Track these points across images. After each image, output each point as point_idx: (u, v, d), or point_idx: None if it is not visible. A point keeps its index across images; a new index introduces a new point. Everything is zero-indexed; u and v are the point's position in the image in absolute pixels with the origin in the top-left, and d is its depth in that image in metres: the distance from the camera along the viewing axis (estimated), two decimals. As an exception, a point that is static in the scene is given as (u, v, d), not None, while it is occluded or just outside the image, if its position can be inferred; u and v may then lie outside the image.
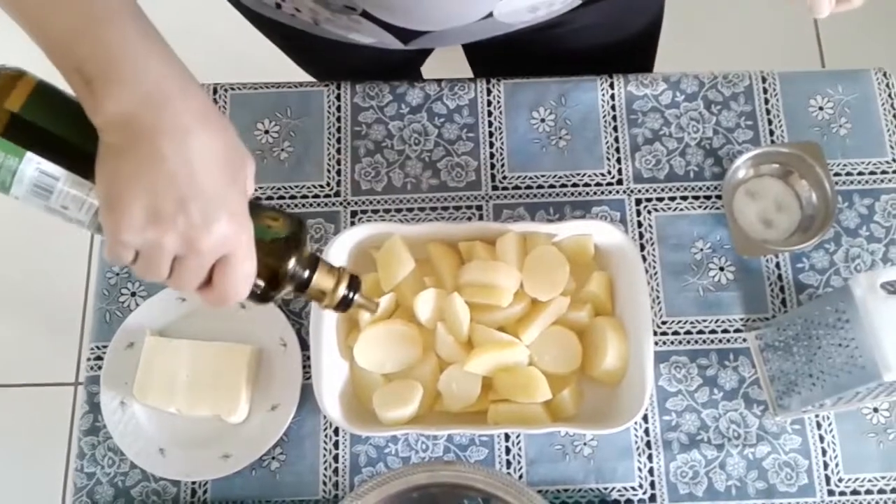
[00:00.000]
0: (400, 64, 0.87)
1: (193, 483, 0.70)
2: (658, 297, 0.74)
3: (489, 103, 0.81)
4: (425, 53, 0.94)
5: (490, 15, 0.64)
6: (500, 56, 0.84)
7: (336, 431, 0.71)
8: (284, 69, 0.93)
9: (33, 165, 0.43)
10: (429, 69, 1.01)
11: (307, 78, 0.94)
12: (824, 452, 0.70)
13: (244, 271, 0.46)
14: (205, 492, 0.70)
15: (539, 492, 0.64)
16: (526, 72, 0.82)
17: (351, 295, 0.53)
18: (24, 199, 0.45)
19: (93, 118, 0.41)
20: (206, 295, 0.47)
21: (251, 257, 0.46)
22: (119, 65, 0.41)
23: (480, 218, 0.77)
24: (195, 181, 0.42)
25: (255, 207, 0.48)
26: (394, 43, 0.70)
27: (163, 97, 0.41)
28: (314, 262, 0.52)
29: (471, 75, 0.92)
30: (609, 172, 0.78)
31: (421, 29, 0.66)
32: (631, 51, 0.89)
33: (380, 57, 0.76)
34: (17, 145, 0.42)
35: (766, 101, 0.80)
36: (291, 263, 0.50)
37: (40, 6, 0.41)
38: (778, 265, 0.75)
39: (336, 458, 0.71)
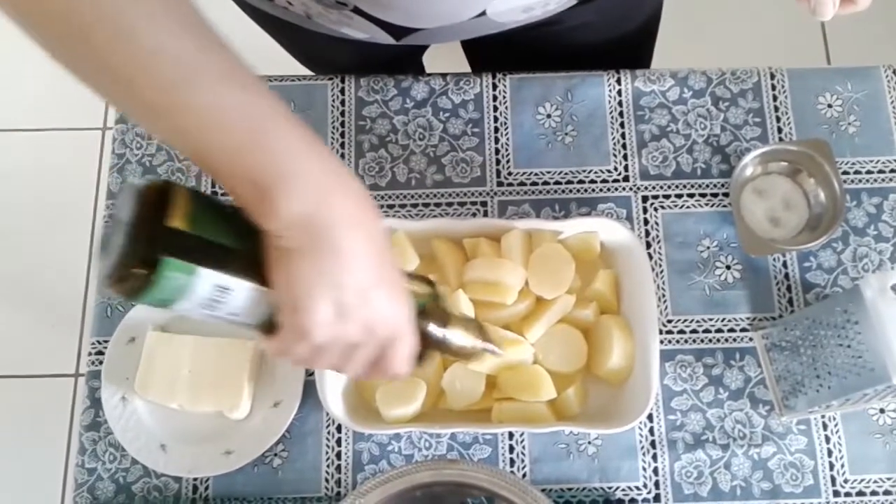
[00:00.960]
0: (396, 59, 0.87)
1: (195, 479, 0.70)
2: (664, 296, 0.74)
3: (495, 98, 0.80)
4: (421, 49, 0.93)
5: (483, 13, 0.64)
6: (497, 53, 0.83)
7: (339, 428, 0.71)
8: (288, 62, 0.92)
9: (209, 281, 0.42)
10: (430, 65, 1.00)
11: (311, 72, 0.93)
12: (830, 453, 0.70)
13: (410, 348, 0.48)
14: (206, 488, 0.70)
15: (543, 491, 0.64)
16: (523, 68, 0.81)
17: (483, 348, 0.56)
18: (185, 311, 0.43)
19: (266, 223, 0.41)
20: (371, 373, 0.48)
21: (414, 332, 0.48)
22: (292, 170, 0.41)
23: (485, 214, 0.76)
24: (369, 271, 0.43)
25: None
26: (386, 39, 0.69)
27: (330, 194, 0.42)
28: (448, 320, 0.53)
29: (469, 70, 0.91)
30: (615, 169, 0.78)
31: (413, 26, 0.65)
32: (628, 48, 0.88)
33: (375, 52, 0.76)
34: (191, 263, 0.41)
35: (775, 98, 0.80)
36: (435, 328, 0.52)
37: (205, 131, 0.40)
38: (785, 264, 0.75)
39: (339, 456, 0.70)
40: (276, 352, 0.46)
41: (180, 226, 0.40)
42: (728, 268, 0.75)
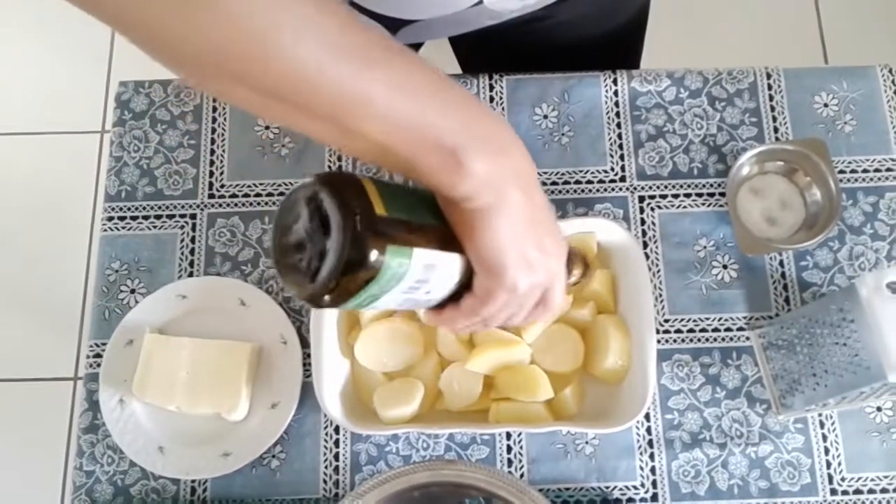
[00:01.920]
0: None
1: (193, 481, 0.70)
2: (661, 295, 0.74)
3: (492, 99, 0.80)
4: (414, 50, 0.94)
5: (480, 2, 0.63)
6: (487, 51, 0.83)
7: (337, 430, 0.71)
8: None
9: (422, 261, 0.41)
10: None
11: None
12: (827, 451, 0.70)
13: (564, 282, 0.50)
14: (204, 490, 0.70)
15: (540, 491, 0.64)
16: (512, 66, 0.81)
17: (586, 275, 0.57)
18: (385, 303, 0.42)
19: (457, 187, 0.41)
20: (533, 315, 0.50)
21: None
22: (474, 127, 0.41)
23: (482, 215, 0.76)
24: (545, 216, 0.46)
25: None
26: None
27: (505, 146, 0.43)
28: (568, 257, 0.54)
29: (458, 71, 0.91)
30: (612, 169, 0.78)
31: (410, 18, 0.65)
32: (617, 45, 0.88)
33: None
34: (407, 247, 0.40)
35: (771, 98, 0.80)
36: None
37: (392, 105, 0.39)
38: (781, 263, 0.75)
39: (337, 457, 0.71)
40: (454, 317, 0.47)
41: (385, 212, 0.39)
42: (725, 267, 0.75)
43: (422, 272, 0.41)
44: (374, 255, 0.38)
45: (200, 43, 0.36)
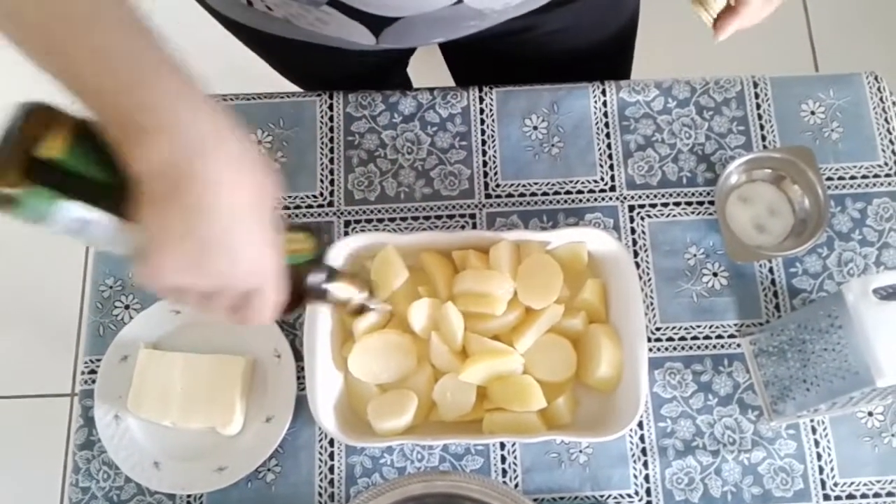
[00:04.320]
0: (381, 70, 0.87)
1: (189, 496, 0.70)
2: (652, 304, 0.74)
3: (482, 111, 0.81)
4: (404, 58, 0.94)
5: (460, 1, 0.63)
6: (478, 62, 0.84)
7: (331, 442, 0.71)
8: (277, 79, 0.93)
9: (69, 212, 0.43)
10: (415, 81, 1.01)
11: (300, 88, 0.94)
12: (819, 457, 0.70)
13: (271, 303, 0.49)
14: (200, 504, 0.70)
15: (535, 500, 0.64)
16: (504, 78, 0.82)
17: (366, 302, 0.58)
18: (56, 232, 0.45)
19: (133, 166, 0.42)
20: (232, 318, 0.49)
21: (279, 289, 0.48)
22: (165, 116, 0.42)
23: (474, 226, 0.77)
24: (227, 227, 0.44)
25: (284, 231, 0.49)
26: (365, 36, 0.69)
27: (201, 147, 0.43)
28: (334, 274, 0.55)
29: (454, 84, 0.92)
30: (602, 179, 0.78)
31: (390, 15, 0.65)
32: (607, 55, 0.89)
33: (359, 61, 0.76)
34: (52, 194, 0.42)
35: (758, 107, 0.81)
36: (316, 281, 0.53)
37: (87, 64, 0.42)
38: (771, 270, 0.75)
39: (331, 470, 0.71)
40: (140, 283, 0.47)
41: (53, 155, 0.41)
42: (715, 275, 0.75)
43: (72, 223, 0.43)
44: (8, 183, 0.40)
45: None
